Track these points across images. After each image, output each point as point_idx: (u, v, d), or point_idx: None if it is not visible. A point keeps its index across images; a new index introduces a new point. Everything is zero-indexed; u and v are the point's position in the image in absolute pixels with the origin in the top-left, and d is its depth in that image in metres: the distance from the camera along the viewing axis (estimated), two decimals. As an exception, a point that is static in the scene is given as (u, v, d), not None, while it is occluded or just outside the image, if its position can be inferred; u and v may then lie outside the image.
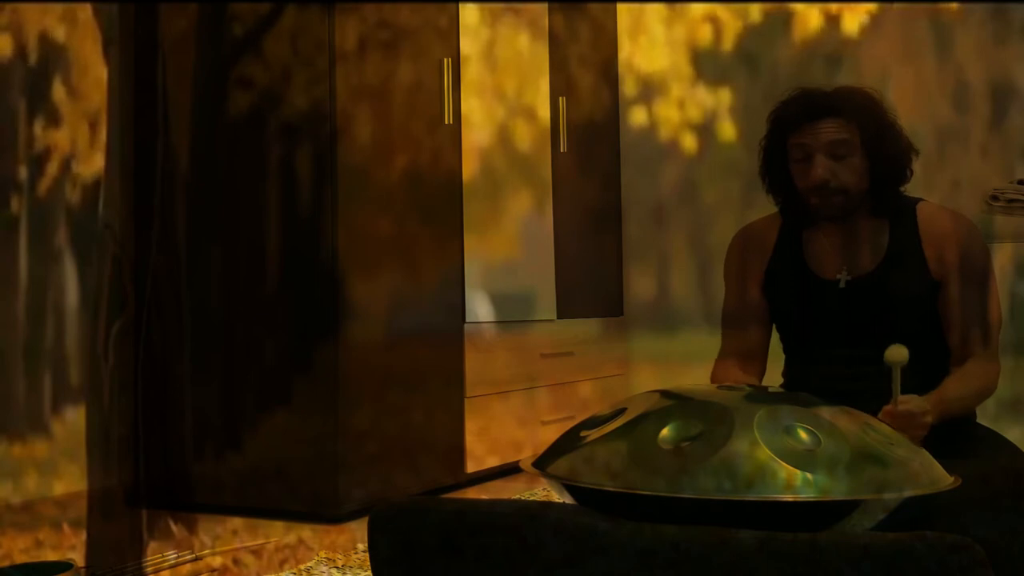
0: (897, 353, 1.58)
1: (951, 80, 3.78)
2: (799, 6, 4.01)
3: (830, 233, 1.87)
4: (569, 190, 4.06)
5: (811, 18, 3.99)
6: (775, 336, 2.01)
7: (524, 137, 3.82)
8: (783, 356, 1.99)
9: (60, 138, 3.08)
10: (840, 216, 1.83)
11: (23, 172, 2.98)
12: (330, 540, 2.69)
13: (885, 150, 1.79)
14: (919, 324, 1.83)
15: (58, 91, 3.09)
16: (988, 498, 1.34)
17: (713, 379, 1.97)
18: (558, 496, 1.38)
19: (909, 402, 1.60)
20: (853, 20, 3.92)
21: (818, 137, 1.77)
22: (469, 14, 3.51)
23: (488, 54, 3.62)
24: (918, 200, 1.88)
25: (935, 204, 1.89)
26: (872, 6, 3.89)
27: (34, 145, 3.01)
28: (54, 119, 3.07)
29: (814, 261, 1.89)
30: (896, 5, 3.85)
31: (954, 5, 3.74)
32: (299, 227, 3.00)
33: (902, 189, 1.87)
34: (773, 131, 1.87)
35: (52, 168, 3.06)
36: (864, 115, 1.79)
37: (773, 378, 1.97)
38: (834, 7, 3.95)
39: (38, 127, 3.03)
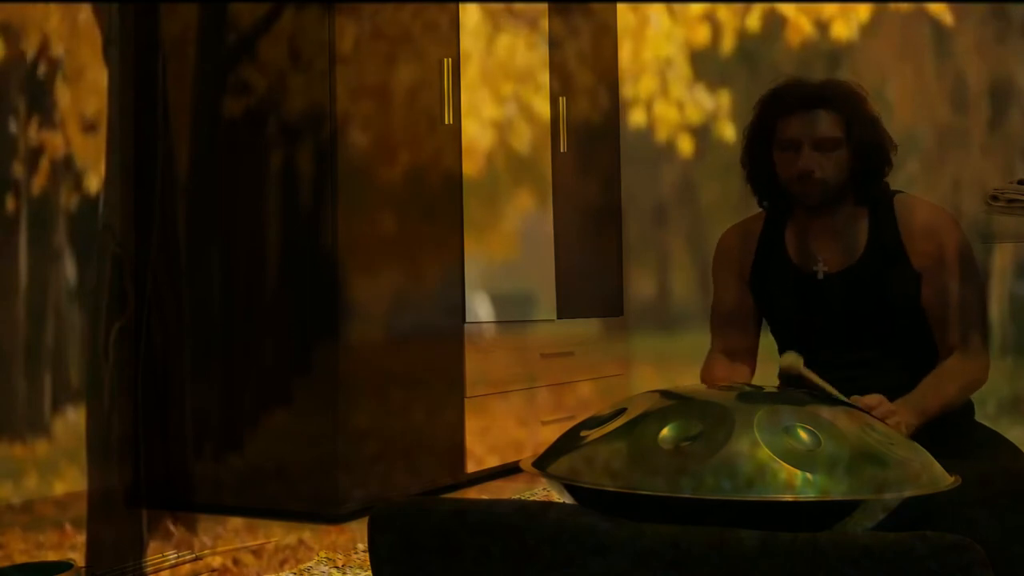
0: (787, 360, 1.53)
1: (951, 80, 3.78)
2: (791, 14, 4.00)
3: (812, 225, 1.88)
4: (569, 190, 4.05)
5: (803, 24, 3.99)
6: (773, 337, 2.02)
7: (524, 137, 3.81)
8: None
9: (60, 138, 3.08)
10: (818, 205, 1.84)
11: (23, 172, 2.98)
12: (330, 540, 2.69)
13: (869, 140, 1.82)
14: (903, 318, 1.83)
15: (57, 91, 3.08)
16: (988, 498, 1.34)
17: (703, 378, 1.98)
18: (558, 496, 1.38)
19: (867, 403, 1.57)
20: (843, 27, 3.91)
21: (807, 129, 1.80)
22: (469, 14, 3.50)
23: (488, 54, 3.62)
24: (896, 192, 1.88)
25: (914, 196, 1.89)
26: (864, 14, 3.88)
27: (34, 146, 3.01)
28: (54, 120, 3.07)
29: (798, 254, 1.90)
30: (894, 5, 3.85)
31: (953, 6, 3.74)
32: (299, 227, 3.00)
33: (886, 181, 1.88)
34: (762, 115, 1.88)
35: (52, 168, 3.06)
36: (852, 106, 1.82)
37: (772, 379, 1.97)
38: (825, 14, 3.94)
39: (38, 128, 3.03)
